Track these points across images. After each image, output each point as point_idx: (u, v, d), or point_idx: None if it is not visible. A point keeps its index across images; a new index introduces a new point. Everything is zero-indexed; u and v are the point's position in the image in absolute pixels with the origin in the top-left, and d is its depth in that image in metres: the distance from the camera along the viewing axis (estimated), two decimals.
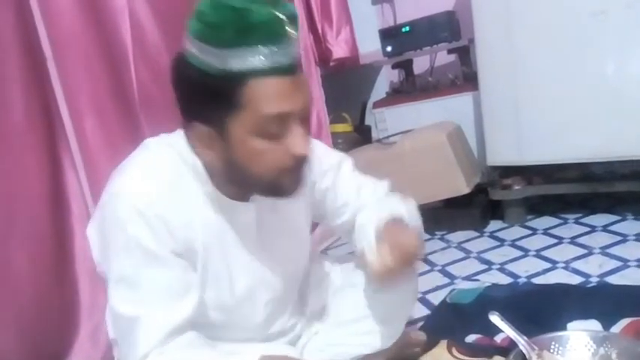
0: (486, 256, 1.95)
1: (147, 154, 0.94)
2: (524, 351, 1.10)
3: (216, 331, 0.98)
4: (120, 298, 0.88)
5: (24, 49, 1.37)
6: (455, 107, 2.43)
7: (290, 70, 0.84)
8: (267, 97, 0.82)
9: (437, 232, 2.28)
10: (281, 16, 0.81)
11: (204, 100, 0.84)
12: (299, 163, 0.88)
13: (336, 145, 2.54)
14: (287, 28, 0.82)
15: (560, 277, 1.66)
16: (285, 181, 0.89)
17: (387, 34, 2.59)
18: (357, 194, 1.15)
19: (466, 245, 2.09)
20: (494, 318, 1.17)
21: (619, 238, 1.84)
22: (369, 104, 2.85)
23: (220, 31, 0.79)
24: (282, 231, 1.04)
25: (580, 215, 2.10)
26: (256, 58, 0.80)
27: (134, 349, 0.86)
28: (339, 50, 2.48)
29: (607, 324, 1.29)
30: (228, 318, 0.97)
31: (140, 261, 0.86)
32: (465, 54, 2.52)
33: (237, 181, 0.91)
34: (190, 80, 0.84)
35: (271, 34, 0.80)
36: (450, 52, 2.58)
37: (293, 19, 0.83)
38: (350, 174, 1.16)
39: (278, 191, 0.91)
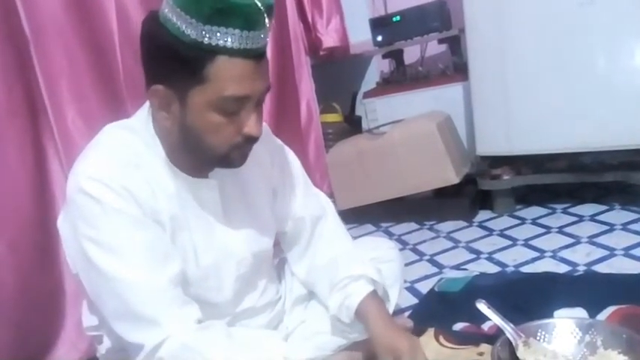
0: (475, 245, 1.95)
1: (104, 138, 0.96)
2: (511, 338, 1.10)
3: None
4: (110, 266, 0.87)
5: (5, 32, 1.35)
6: (445, 97, 2.43)
7: (257, 55, 0.87)
8: (232, 77, 0.85)
9: (426, 222, 2.28)
10: (260, 5, 0.83)
11: (171, 64, 0.86)
12: (248, 142, 0.93)
13: (326, 136, 2.54)
14: (264, 16, 0.85)
15: (547, 266, 1.67)
16: (233, 155, 0.93)
17: (378, 24, 2.57)
18: (305, 202, 1.17)
19: (455, 235, 2.10)
20: (481, 306, 1.17)
21: (606, 227, 1.85)
22: (360, 94, 2.85)
23: (200, 5, 0.81)
24: (245, 208, 1.06)
25: (568, 205, 2.11)
26: (229, 38, 0.83)
27: (144, 313, 0.87)
28: (329, 39, 2.46)
29: (593, 312, 1.30)
30: (195, 293, 0.97)
31: (121, 225, 0.88)
32: (456, 44, 2.51)
33: (190, 148, 0.93)
34: (161, 43, 0.86)
35: (247, 19, 0.83)
36: (440, 41, 2.57)
37: (270, 10, 0.86)
38: (300, 173, 1.18)
39: (225, 163, 0.96)
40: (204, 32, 0.82)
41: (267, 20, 0.85)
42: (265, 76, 0.90)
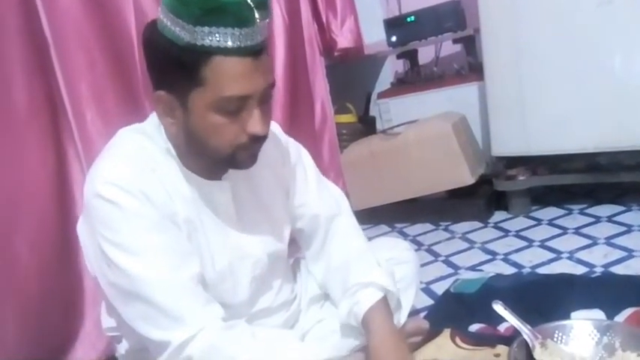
0: (490, 246, 1.95)
1: (119, 142, 0.97)
2: (528, 340, 1.09)
3: None
4: (132, 267, 0.88)
5: (26, 33, 1.38)
6: (460, 97, 2.42)
7: (254, 52, 0.86)
8: (229, 77, 0.85)
9: (441, 223, 2.28)
10: (249, 1, 0.83)
11: (170, 69, 0.87)
12: (254, 141, 0.92)
13: (340, 136, 2.54)
14: (254, 12, 0.84)
15: (564, 267, 1.66)
16: (240, 156, 0.93)
17: (392, 24, 2.57)
18: (319, 199, 1.16)
19: (470, 236, 2.09)
20: (498, 307, 1.17)
21: (624, 228, 1.83)
22: (374, 95, 2.84)
23: (189, 8, 0.82)
24: (258, 210, 1.07)
25: (585, 206, 2.10)
26: (221, 37, 0.83)
27: (168, 310, 0.87)
28: (343, 40, 2.46)
29: (611, 313, 1.29)
30: (211, 294, 0.97)
31: (140, 228, 0.89)
32: (471, 44, 2.50)
33: (197, 151, 0.94)
34: (159, 48, 0.87)
35: (238, 17, 0.83)
36: (455, 41, 2.56)
37: (261, 5, 0.85)
38: (312, 170, 1.18)
39: (233, 164, 0.96)
40: (196, 34, 0.82)
41: (257, 15, 0.84)
42: (266, 72, 0.89)
